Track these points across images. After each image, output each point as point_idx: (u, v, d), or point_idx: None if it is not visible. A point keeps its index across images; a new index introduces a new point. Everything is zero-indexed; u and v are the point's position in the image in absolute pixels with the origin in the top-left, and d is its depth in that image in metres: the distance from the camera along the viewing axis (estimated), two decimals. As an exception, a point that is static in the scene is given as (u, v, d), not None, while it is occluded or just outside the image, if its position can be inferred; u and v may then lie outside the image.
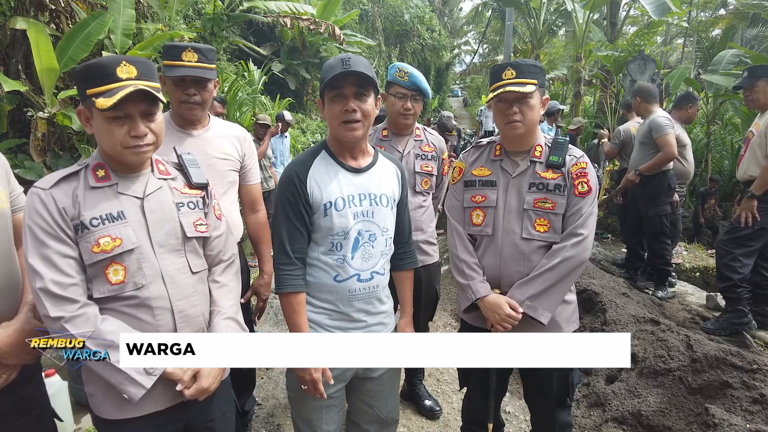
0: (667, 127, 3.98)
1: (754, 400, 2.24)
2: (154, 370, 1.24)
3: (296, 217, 1.50)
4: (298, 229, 1.51)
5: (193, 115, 1.97)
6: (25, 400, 1.39)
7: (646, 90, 4.25)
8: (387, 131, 2.38)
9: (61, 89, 4.45)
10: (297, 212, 1.50)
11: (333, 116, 1.48)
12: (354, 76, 1.42)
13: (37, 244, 1.19)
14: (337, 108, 1.46)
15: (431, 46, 21.72)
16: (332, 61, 1.45)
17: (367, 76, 1.43)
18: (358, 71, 1.41)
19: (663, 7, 7.68)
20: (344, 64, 1.40)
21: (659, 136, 3.96)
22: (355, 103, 1.44)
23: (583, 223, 1.64)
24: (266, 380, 3.13)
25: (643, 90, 4.26)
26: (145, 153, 1.29)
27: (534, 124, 1.69)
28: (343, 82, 1.43)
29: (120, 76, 1.21)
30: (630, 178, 4.18)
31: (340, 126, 1.48)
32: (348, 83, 1.43)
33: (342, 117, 1.46)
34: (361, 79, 1.44)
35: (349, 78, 1.42)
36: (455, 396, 2.99)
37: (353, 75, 1.41)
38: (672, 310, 3.96)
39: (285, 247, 1.51)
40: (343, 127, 1.47)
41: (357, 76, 1.42)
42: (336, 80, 1.42)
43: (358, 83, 1.44)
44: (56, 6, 4.67)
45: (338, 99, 1.45)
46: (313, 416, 1.60)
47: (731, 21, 11.38)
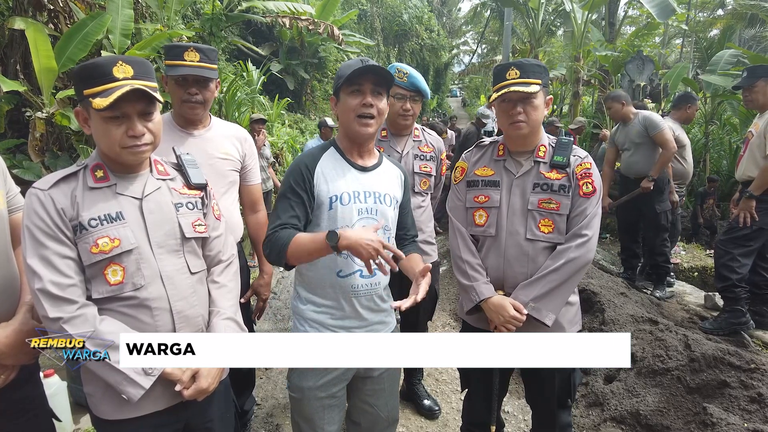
0: (662, 123, 4.00)
1: (751, 400, 2.25)
2: (153, 370, 1.24)
3: (296, 202, 1.51)
4: (295, 211, 1.50)
5: (194, 114, 1.97)
6: (22, 401, 1.39)
7: (623, 94, 4.30)
8: (386, 131, 2.39)
9: (59, 89, 4.44)
10: (297, 198, 1.51)
11: (349, 109, 1.51)
12: (373, 74, 1.48)
13: (36, 245, 1.19)
14: (354, 102, 1.50)
15: (430, 47, 21.76)
16: (351, 61, 1.51)
17: (385, 75, 1.50)
18: (378, 67, 1.47)
19: (667, 9, 7.69)
20: (364, 63, 1.47)
21: (657, 133, 3.97)
22: (372, 99, 1.50)
23: (588, 223, 1.63)
24: (265, 380, 3.13)
25: (622, 95, 4.29)
26: (143, 153, 1.29)
27: (538, 124, 1.69)
28: (363, 78, 1.48)
29: (116, 76, 1.21)
30: (645, 186, 4.09)
31: (354, 120, 1.51)
32: (367, 80, 1.49)
33: (358, 111, 1.50)
34: (379, 78, 1.50)
35: (369, 75, 1.48)
36: (454, 396, 2.99)
37: (373, 72, 1.48)
38: (670, 309, 3.97)
39: (278, 219, 1.49)
40: (358, 122, 1.51)
41: (376, 75, 1.49)
42: (356, 76, 1.47)
43: (375, 81, 1.50)
44: (54, 6, 4.67)
45: (356, 94, 1.50)
46: (315, 416, 1.60)
47: (729, 21, 11.42)
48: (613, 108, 4.28)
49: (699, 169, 7.74)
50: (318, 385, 1.58)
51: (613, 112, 4.32)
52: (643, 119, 4.07)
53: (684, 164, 4.46)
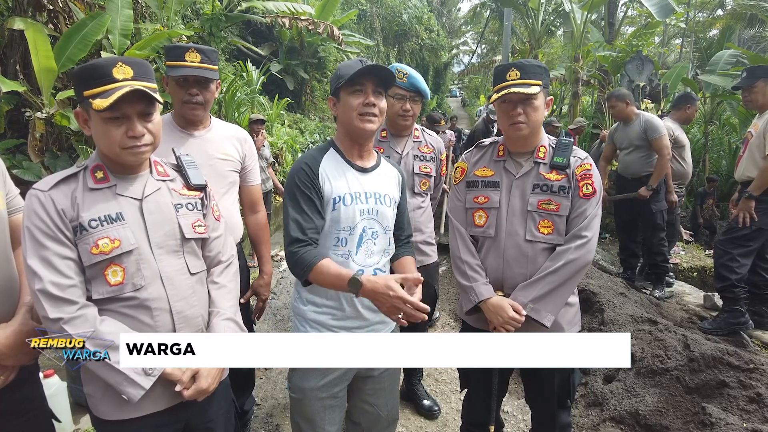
0: (662, 128, 3.99)
1: (750, 400, 2.25)
2: (153, 370, 1.24)
3: (308, 204, 1.51)
4: (310, 216, 1.51)
5: (195, 115, 1.97)
6: (22, 401, 1.39)
7: (628, 93, 4.26)
8: (386, 132, 2.39)
9: (59, 89, 4.45)
10: (308, 200, 1.51)
11: (351, 108, 1.52)
12: (375, 74, 1.50)
13: (36, 246, 1.19)
14: (356, 101, 1.51)
15: (429, 47, 21.77)
16: (350, 62, 1.53)
17: (387, 75, 1.51)
18: (380, 67, 1.49)
19: (666, 8, 7.69)
20: (363, 63, 1.49)
21: (657, 138, 3.96)
22: (373, 98, 1.51)
23: (588, 225, 1.63)
24: (265, 380, 3.14)
25: (626, 94, 4.26)
26: (143, 153, 1.29)
27: (538, 125, 1.69)
28: (364, 78, 1.50)
29: (116, 77, 1.22)
30: (642, 194, 4.09)
31: (357, 118, 1.52)
32: (368, 80, 1.50)
33: (360, 109, 1.51)
34: (381, 78, 1.52)
35: (370, 75, 1.50)
36: (453, 396, 2.99)
37: (375, 72, 1.49)
38: (669, 309, 3.97)
39: (295, 231, 1.49)
40: (360, 119, 1.51)
41: (378, 75, 1.50)
42: (358, 76, 1.48)
43: (377, 82, 1.52)
44: (54, 6, 4.67)
45: (358, 93, 1.51)
46: (316, 417, 1.61)
47: (729, 21, 11.44)
48: (617, 107, 4.24)
49: (699, 170, 7.75)
50: (319, 385, 1.58)
51: (617, 110, 4.27)
52: (644, 122, 4.06)
53: (683, 165, 4.45)
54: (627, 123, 4.25)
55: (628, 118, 4.24)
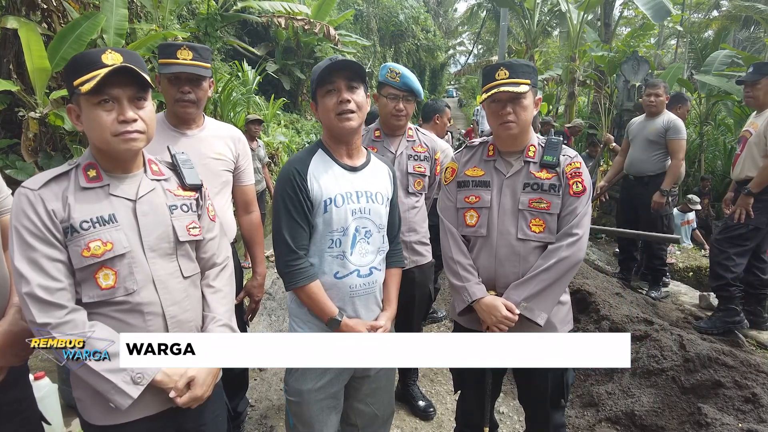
0: (684, 132, 3.95)
1: (746, 400, 2.26)
2: (142, 379, 1.21)
3: (297, 213, 1.51)
4: (300, 225, 1.52)
5: (187, 113, 1.96)
6: (11, 403, 1.37)
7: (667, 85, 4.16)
8: (379, 132, 2.38)
9: (53, 89, 4.41)
10: (298, 208, 1.51)
11: (327, 110, 1.51)
12: (345, 70, 1.48)
13: (24, 247, 1.15)
14: (331, 102, 1.50)
15: (426, 47, 21.78)
16: (320, 63, 1.52)
17: (356, 68, 1.49)
18: (347, 61, 1.47)
19: (662, 11, 7.72)
20: (332, 60, 1.48)
21: (677, 139, 3.91)
22: (347, 94, 1.49)
23: (579, 222, 1.64)
24: (259, 381, 3.12)
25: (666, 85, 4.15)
26: (135, 141, 1.24)
27: (527, 124, 1.69)
28: (334, 75, 1.48)
29: (105, 63, 1.18)
30: (658, 201, 4.01)
31: (335, 118, 1.50)
32: (339, 77, 1.48)
33: (336, 109, 1.49)
34: (351, 73, 1.49)
35: (340, 72, 1.48)
36: (449, 397, 2.98)
37: (343, 67, 1.47)
38: (665, 309, 3.97)
39: (289, 243, 1.51)
40: (339, 119, 1.50)
41: (347, 69, 1.48)
42: (327, 74, 1.47)
43: (348, 76, 1.49)
44: (48, 5, 4.63)
45: (331, 93, 1.50)
46: (314, 420, 1.59)
47: (724, 22, 11.48)
48: (662, 97, 4.05)
49: (694, 170, 7.79)
50: (317, 387, 1.57)
51: (660, 101, 4.05)
52: (669, 120, 3.98)
53: (677, 164, 4.46)
54: (652, 116, 4.11)
55: (659, 111, 4.09)
